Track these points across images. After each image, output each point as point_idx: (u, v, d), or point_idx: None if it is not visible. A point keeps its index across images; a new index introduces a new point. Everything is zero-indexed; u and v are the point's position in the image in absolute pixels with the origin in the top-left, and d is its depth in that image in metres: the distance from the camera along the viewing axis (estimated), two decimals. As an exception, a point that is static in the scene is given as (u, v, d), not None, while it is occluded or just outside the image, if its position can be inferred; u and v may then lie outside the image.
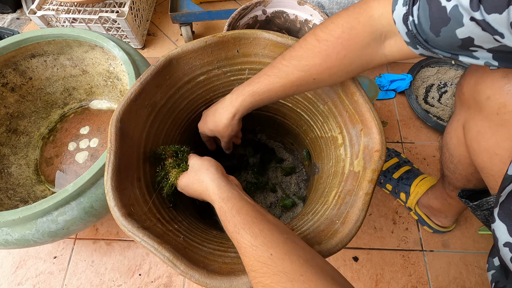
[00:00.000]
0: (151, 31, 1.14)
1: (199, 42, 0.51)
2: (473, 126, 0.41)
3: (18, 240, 0.53)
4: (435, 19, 0.29)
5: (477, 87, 0.38)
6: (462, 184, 0.54)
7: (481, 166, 0.41)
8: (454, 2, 0.27)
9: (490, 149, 0.38)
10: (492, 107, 0.36)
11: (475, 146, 0.41)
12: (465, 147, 0.47)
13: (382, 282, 0.68)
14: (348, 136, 0.49)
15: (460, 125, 0.46)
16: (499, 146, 0.37)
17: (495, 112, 0.36)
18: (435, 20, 0.29)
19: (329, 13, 0.86)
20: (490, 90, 0.36)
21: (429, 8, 0.29)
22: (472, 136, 0.42)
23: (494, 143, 0.38)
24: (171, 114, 0.55)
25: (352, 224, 0.39)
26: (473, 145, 0.42)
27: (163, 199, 0.49)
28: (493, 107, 0.36)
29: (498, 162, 0.38)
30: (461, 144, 0.48)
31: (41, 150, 0.83)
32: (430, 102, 0.90)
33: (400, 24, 0.33)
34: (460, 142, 0.48)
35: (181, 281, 0.69)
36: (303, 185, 0.74)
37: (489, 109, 0.37)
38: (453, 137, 0.50)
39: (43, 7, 0.96)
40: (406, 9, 0.31)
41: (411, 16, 0.31)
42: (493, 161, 0.38)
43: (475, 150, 0.41)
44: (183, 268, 0.35)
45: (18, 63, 0.75)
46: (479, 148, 0.40)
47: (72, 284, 0.70)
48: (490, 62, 0.30)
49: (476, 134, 0.41)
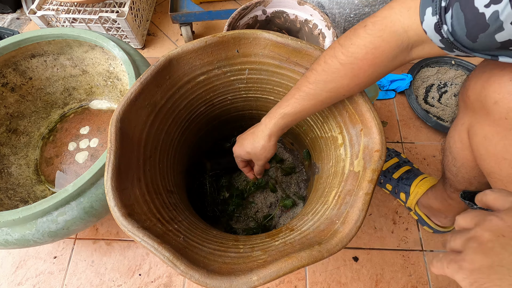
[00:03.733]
0: (151, 31, 1.14)
1: (199, 42, 0.51)
2: (480, 131, 0.41)
3: (18, 240, 0.53)
4: (472, 26, 0.28)
5: (484, 91, 0.38)
6: (463, 187, 0.53)
7: (488, 171, 0.41)
8: (494, 8, 0.25)
9: (499, 154, 0.38)
10: (500, 112, 0.36)
11: (482, 151, 0.40)
12: (469, 151, 0.47)
13: (382, 282, 0.68)
14: (348, 136, 0.49)
15: (464, 129, 0.46)
16: (508, 151, 0.36)
17: (504, 117, 0.36)
18: (472, 27, 0.28)
19: (329, 13, 0.86)
20: (498, 94, 0.36)
21: (464, 15, 0.27)
22: (478, 141, 0.41)
23: (502, 148, 0.37)
24: (171, 114, 0.55)
25: (352, 224, 0.39)
26: (479, 150, 0.41)
27: (163, 199, 0.49)
28: (502, 112, 0.36)
29: (507, 167, 0.37)
30: (465, 148, 0.48)
31: (41, 150, 0.83)
32: (430, 102, 0.90)
33: (432, 33, 0.31)
34: (464, 146, 0.47)
35: (181, 281, 0.69)
36: (303, 185, 0.74)
37: (497, 114, 0.36)
38: (456, 141, 0.49)
39: (43, 7, 0.96)
40: (437, 18, 0.30)
41: (444, 25, 0.30)
42: (502, 166, 0.38)
43: (482, 155, 0.41)
44: (183, 268, 0.35)
45: (18, 63, 0.75)
46: (486, 153, 0.40)
47: (72, 284, 0.70)
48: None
49: (483, 139, 0.40)
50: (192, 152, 0.67)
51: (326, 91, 0.42)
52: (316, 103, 0.44)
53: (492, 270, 0.21)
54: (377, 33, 0.36)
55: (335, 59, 0.40)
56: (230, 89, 0.60)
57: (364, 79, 0.40)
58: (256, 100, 0.64)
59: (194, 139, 0.66)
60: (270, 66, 0.55)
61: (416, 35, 0.34)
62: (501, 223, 0.23)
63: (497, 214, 0.24)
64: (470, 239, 0.24)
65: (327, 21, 0.76)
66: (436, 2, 0.29)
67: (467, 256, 0.23)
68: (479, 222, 0.25)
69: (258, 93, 0.62)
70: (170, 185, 0.54)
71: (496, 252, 0.22)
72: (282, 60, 0.54)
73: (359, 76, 0.40)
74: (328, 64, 0.41)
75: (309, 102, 0.44)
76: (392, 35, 0.35)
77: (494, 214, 0.24)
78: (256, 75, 0.57)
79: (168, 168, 0.55)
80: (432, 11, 0.30)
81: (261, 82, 0.59)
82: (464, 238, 0.25)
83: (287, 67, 0.54)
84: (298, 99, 0.45)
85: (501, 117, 0.36)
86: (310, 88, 0.43)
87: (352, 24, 0.86)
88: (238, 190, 0.73)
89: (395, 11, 0.35)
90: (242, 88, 0.60)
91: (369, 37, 0.36)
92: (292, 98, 0.45)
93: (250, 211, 0.72)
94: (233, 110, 0.67)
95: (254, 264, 0.37)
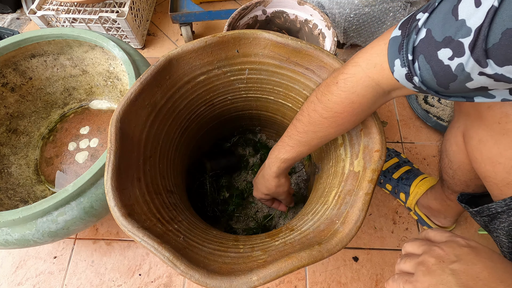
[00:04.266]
0: (151, 31, 1.14)
1: (199, 42, 0.51)
2: (474, 135, 0.41)
3: (18, 240, 0.53)
4: (440, 76, 0.27)
5: None
6: (460, 189, 0.53)
7: (484, 174, 0.41)
8: (458, 61, 0.25)
9: (493, 158, 0.38)
10: (494, 116, 0.36)
11: (477, 155, 0.41)
12: (464, 154, 0.47)
13: (382, 282, 0.68)
14: (348, 136, 0.49)
15: (460, 132, 0.46)
16: (502, 155, 0.36)
17: (497, 121, 0.36)
18: (441, 78, 0.27)
19: (329, 13, 0.86)
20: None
21: (431, 67, 0.27)
22: (473, 145, 0.41)
23: (496, 152, 0.37)
24: (171, 114, 0.55)
25: (352, 224, 0.39)
26: (475, 154, 0.41)
27: (163, 199, 0.49)
28: (495, 117, 0.36)
29: (501, 171, 0.37)
30: (460, 151, 0.48)
31: (41, 150, 0.83)
32: (430, 102, 0.90)
33: (405, 82, 0.31)
34: (460, 149, 0.48)
35: (181, 281, 0.69)
36: (303, 185, 0.74)
37: (490, 118, 0.37)
38: (452, 144, 0.49)
39: (43, 7, 0.96)
40: (406, 69, 0.30)
41: (415, 77, 0.29)
42: (496, 170, 0.38)
43: (477, 159, 0.41)
44: (183, 268, 0.35)
45: (18, 63, 0.75)
46: (481, 157, 0.40)
47: (72, 284, 0.70)
48: (507, 98, 0.28)
49: (477, 143, 0.40)
50: (192, 152, 0.67)
51: (317, 138, 0.45)
52: (310, 147, 0.47)
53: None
54: (351, 90, 0.37)
55: (317, 113, 0.41)
56: (230, 89, 0.60)
57: (350, 125, 0.42)
58: (256, 100, 0.64)
59: (194, 139, 0.66)
60: (270, 66, 0.55)
61: (390, 84, 0.34)
62: (441, 252, 0.30)
63: (438, 245, 0.31)
64: (419, 263, 0.31)
65: (327, 21, 0.76)
66: (403, 54, 0.29)
67: (419, 277, 0.30)
68: (426, 250, 0.31)
69: (258, 93, 0.62)
70: (170, 185, 0.54)
71: (438, 273, 0.28)
72: (282, 60, 0.54)
73: (344, 124, 0.41)
74: (311, 118, 0.42)
75: (304, 147, 0.47)
76: (366, 89, 0.36)
77: (436, 245, 0.31)
78: (256, 75, 0.57)
79: (168, 168, 0.55)
80: (400, 63, 0.30)
81: (261, 82, 0.59)
82: (414, 262, 0.31)
83: (287, 67, 0.54)
84: (293, 147, 0.48)
85: (494, 121, 0.36)
86: (301, 136, 0.46)
87: (352, 24, 0.86)
88: (238, 190, 0.73)
89: (363, 68, 0.35)
90: (242, 88, 0.60)
91: (343, 94, 0.37)
92: (287, 146, 0.48)
93: (250, 211, 0.72)
94: (233, 110, 0.67)
95: (254, 264, 0.37)
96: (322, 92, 0.40)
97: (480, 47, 0.23)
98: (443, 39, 0.25)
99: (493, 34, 0.22)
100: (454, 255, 0.29)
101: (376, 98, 0.37)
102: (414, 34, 0.28)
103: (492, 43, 0.23)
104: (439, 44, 0.26)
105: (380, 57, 0.32)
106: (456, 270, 0.28)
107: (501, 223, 0.39)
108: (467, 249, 0.29)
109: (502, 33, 0.22)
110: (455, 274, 0.28)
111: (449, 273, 0.28)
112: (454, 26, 0.24)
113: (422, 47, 0.27)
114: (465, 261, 0.28)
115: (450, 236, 0.32)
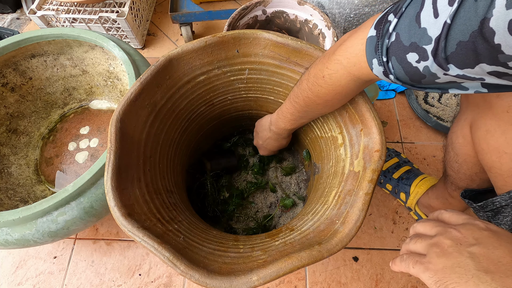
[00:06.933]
0: (151, 31, 1.14)
1: (199, 42, 0.51)
2: (482, 125, 0.41)
3: (18, 240, 0.53)
4: (412, 75, 0.30)
5: None
6: (465, 184, 0.53)
7: (489, 165, 0.41)
8: (424, 64, 0.27)
9: (500, 148, 0.38)
10: (503, 105, 0.36)
11: (484, 145, 0.41)
12: (471, 146, 0.47)
13: (382, 282, 0.68)
14: (348, 136, 0.49)
15: (467, 124, 0.46)
16: (509, 145, 0.37)
17: (505, 110, 0.36)
18: (412, 76, 0.30)
19: (329, 13, 0.86)
20: None
21: (402, 67, 0.30)
22: (480, 135, 0.42)
23: (503, 142, 0.37)
24: (171, 114, 0.55)
25: (352, 224, 0.39)
26: (481, 144, 0.41)
27: (163, 199, 0.49)
28: (504, 106, 0.36)
29: (508, 161, 0.37)
30: (467, 143, 0.48)
31: (41, 150, 0.83)
32: (430, 102, 0.90)
33: (383, 77, 0.34)
34: (466, 141, 0.48)
35: (181, 281, 0.69)
36: (303, 185, 0.74)
37: (499, 108, 0.37)
38: (459, 136, 0.50)
39: (43, 7, 0.96)
40: (382, 68, 0.32)
41: (391, 75, 0.32)
42: (502, 160, 0.38)
43: (483, 149, 0.41)
44: (183, 268, 0.35)
45: (18, 63, 0.75)
46: (487, 147, 0.40)
47: (72, 284, 0.70)
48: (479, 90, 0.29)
49: (485, 133, 0.41)
50: (192, 152, 0.67)
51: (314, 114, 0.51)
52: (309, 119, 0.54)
53: (452, 270, 0.26)
54: (336, 83, 0.40)
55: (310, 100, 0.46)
56: (230, 89, 0.60)
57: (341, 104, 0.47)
58: (256, 100, 0.64)
59: (194, 139, 0.66)
60: (270, 66, 0.55)
61: (371, 78, 0.36)
62: (458, 234, 0.28)
63: (455, 227, 0.29)
64: (433, 245, 0.29)
65: (327, 21, 0.76)
66: (378, 55, 0.31)
67: (432, 259, 0.28)
68: (440, 231, 0.30)
69: (258, 93, 0.62)
70: (170, 185, 0.54)
71: (455, 256, 0.27)
72: (282, 60, 0.54)
73: (335, 106, 0.47)
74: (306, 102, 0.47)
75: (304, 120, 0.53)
76: (349, 82, 0.39)
77: (452, 227, 0.29)
78: (256, 75, 0.57)
79: (168, 168, 0.55)
80: (377, 62, 0.32)
81: (261, 82, 0.59)
82: (426, 243, 0.30)
83: (287, 67, 0.54)
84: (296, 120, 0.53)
85: (503, 110, 0.37)
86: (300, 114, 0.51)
87: (352, 24, 0.86)
88: (238, 190, 0.73)
89: (344, 65, 0.37)
90: (242, 88, 0.60)
91: (330, 87, 0.41)
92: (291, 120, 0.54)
93: (250, 211, 0.72)
94: (233, 110, 0.67)
95: (254, 264, 0.37)
96: (313, 83, 0.43)
97: (440, 55, 0.25)
98: (409, 44, 0.28)
99: (450, 44, 0.24)
100: (473, 238, 0.27)
101: (360, 86, 0.40)
102: (386, 38, 0.30)
103: (450, 52, 0.25)
104: (407, 48, 0.28)
105: (359, 57, 0.35)
106: (476, 254, 0.26)
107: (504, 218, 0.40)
108: (487, 232, 0.28)
109: (456, 44, 0.24)
110: (474, 257, 0.26)
111: (467, 256, 0.26)
112: (418, 33, 0.27)
113: (393, 50, 0.30)
114: (485, 244, 0.27)
115: (468, 218, 0.31)
